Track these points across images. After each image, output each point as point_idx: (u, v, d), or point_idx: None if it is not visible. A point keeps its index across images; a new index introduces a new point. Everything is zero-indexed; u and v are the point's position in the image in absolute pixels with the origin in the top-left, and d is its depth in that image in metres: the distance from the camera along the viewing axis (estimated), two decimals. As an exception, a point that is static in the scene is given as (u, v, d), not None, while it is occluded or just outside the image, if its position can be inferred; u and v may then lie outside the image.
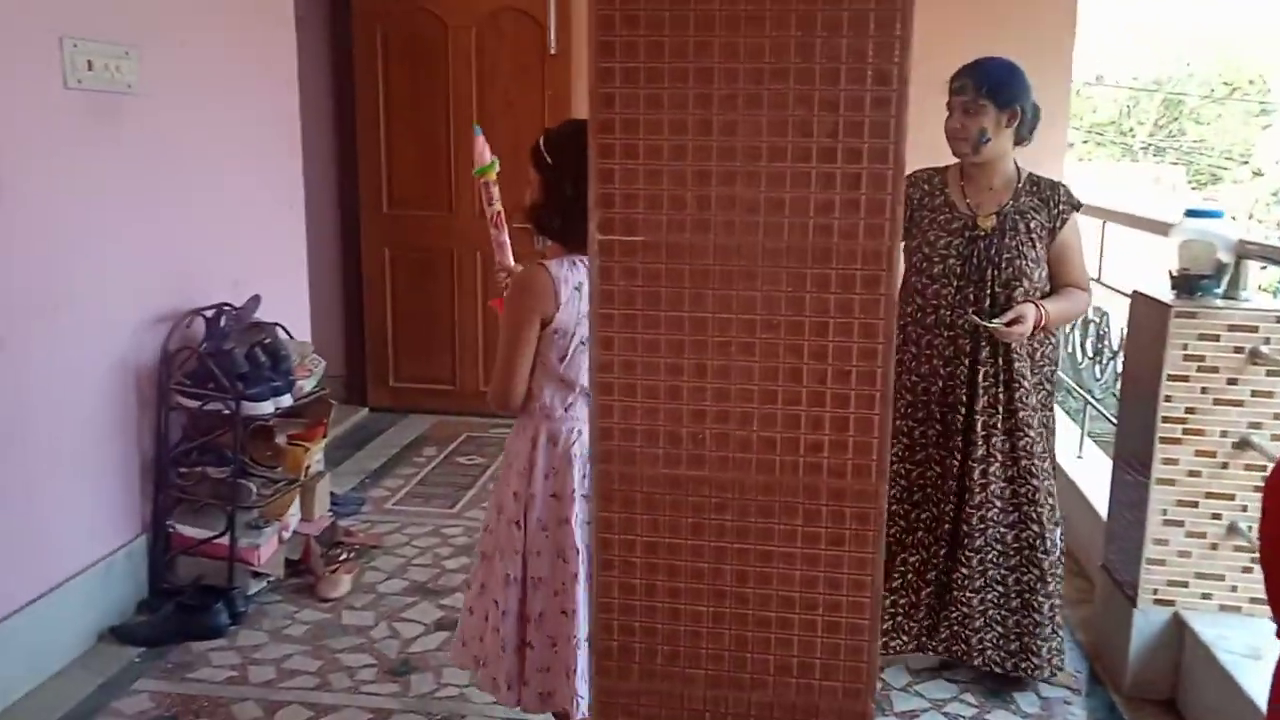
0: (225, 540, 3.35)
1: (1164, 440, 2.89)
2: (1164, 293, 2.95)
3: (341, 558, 3.70)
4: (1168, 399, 2.86)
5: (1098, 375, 4.25)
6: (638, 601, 1.60)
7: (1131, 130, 21.36)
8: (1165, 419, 2.87)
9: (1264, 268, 2.98)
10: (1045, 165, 5.10)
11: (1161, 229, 3.20)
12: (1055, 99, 5.08)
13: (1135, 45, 21.59)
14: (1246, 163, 17.69)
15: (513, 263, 2.49)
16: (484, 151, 2.50)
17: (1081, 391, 4.42)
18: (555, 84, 5.01)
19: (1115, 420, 3.36)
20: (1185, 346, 2.83)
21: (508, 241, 2.50)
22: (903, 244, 2.53)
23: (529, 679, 2.27)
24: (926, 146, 4.84)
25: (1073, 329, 4.48)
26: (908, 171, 1.61)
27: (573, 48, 4.91)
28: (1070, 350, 4.53)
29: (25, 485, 2.86)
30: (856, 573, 1.55)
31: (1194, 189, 21.45)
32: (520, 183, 2.36)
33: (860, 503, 1.54)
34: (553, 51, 5.00)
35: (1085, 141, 21.49)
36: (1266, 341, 2.78)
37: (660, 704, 1.62)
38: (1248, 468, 2.84)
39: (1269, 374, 2.81)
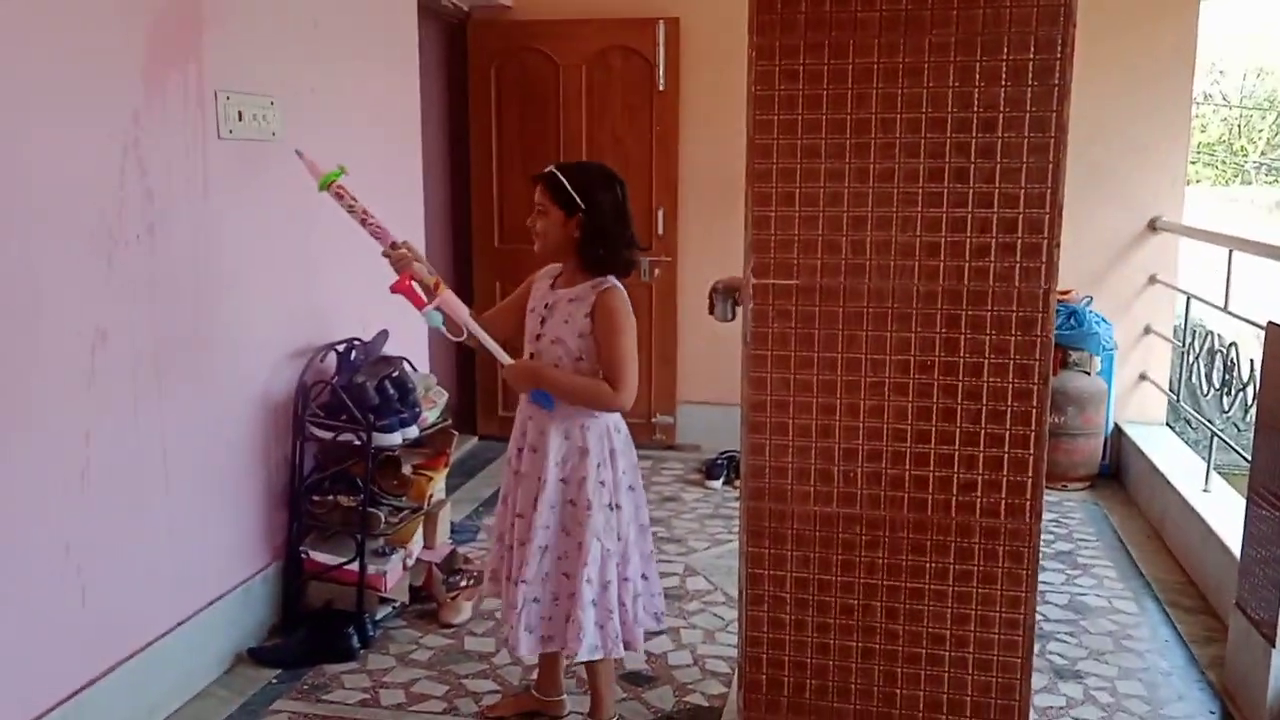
0: (355, 566, 3.46)
1: None
2: (1303, 324, 2.86)
3: (462, 584, 3.79)
4: (1310, 435, 2.77)
5: (1225, 407, 4.13)
6: (787, 636, 1.63)
7: (1243, 149, 20.61)
8: (1304, 454, 2.78)
9: None
10: (1165, 189, 5.02)
11: (1263, 249, 3.11)
12: (1173, 123, 4.98)
13: (1247, 61, 20.89)
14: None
15: (396, 246, 2.63)
16: (315, 166, 2.62)
17: (1206, 423, 4.29)
18: (663, 120, 5.10)
19: (1245, 454, 3.26)
20: (1326, 381, 2.74)
21: (385, 229, 2.67)
22: None
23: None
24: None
25: (1196, 359, 4.37)
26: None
27: (681, 84, 4.99)
28: (1194, 381, 4.41)
29: (171, 514, 3.01)
30: (1010, 611, 1.56)
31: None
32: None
33: (1014, 541, 1.55)
34: (661, 88, 5.09)
35: (1194, 162, 20.79)
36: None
37: (811, 737, 1.65)
38: None
39: None
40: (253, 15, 3.27)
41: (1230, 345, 4.07)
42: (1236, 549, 3.30)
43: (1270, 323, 3.06)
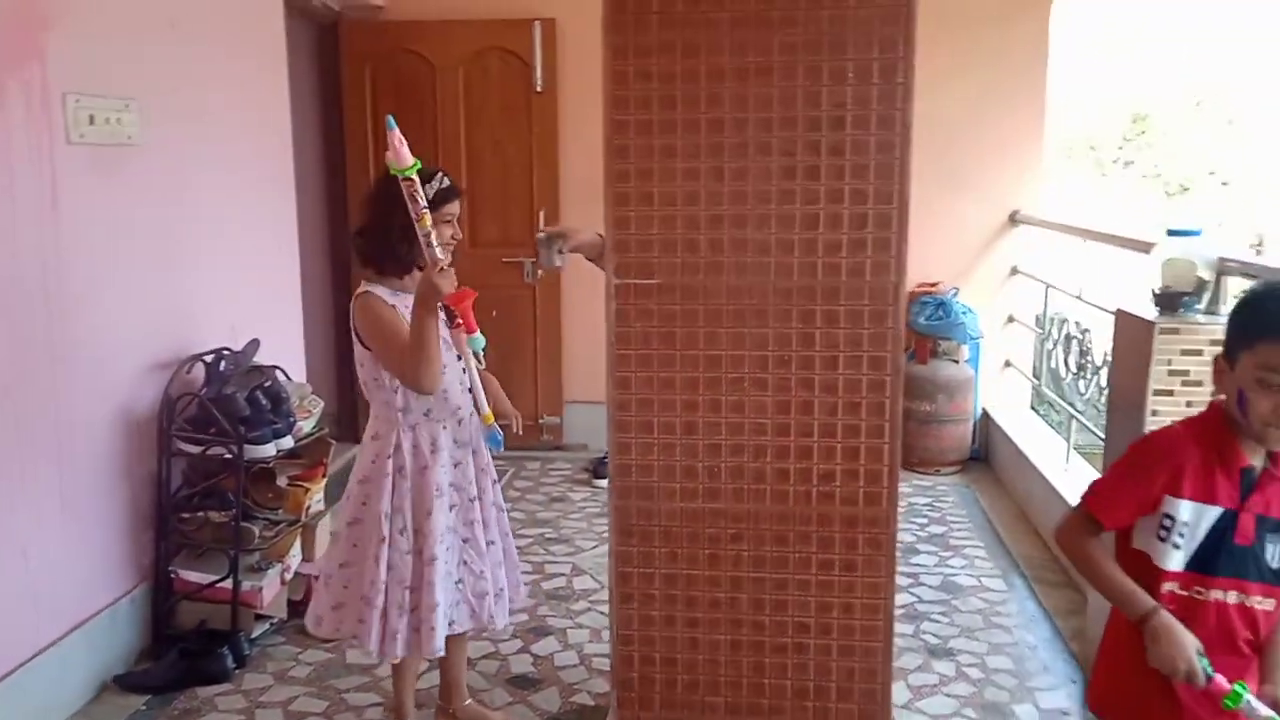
0: (228, 584, 3.35)
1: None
2: (1147, 310, 3.03)
3: (344, 595, 3.69)
4: (1154, 413, 2.93)
5: (1081, 390, 4.34)
6: (657, 633, 1.65)
7: (1102, 146, 21.71)
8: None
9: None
10: (1025, 183, 5.24)
11: (1144, 248, 3.29)
12: (1030, 118, 5.21)
13: (1104, 62, 22.01)
14: (1214, 174, 18.00)
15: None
16: (400, 150, 2.21)
17: (1066, 406, 4.51)
18: (542, 121, 5.08)
19: (1101, 434, 3.44)
20: (1169, 362, 2.91)
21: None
22: None
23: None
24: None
25: (1055, 345, 4.59)
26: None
27: (559, 85, 4.98)
28: (1054, 366, 4.62)
29: (26, 537, 2.86)
30: (870, 597, 1.61)
31: (1167, 200, 21.83)
32: (494, 217, 2.43)
33: (873, 528, 1.60)
34: (539, 90, 5.07)
35: (1068, 158, 21.76)
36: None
37: (684, 729, 1.67)
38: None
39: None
40: (103, 14, 3.13)
41: (1085, 331, 4.28)
42: (1093, 525, 3.46)
43: (1119, 309, 3.23)
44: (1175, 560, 1.57)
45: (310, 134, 5.26)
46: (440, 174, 2.20)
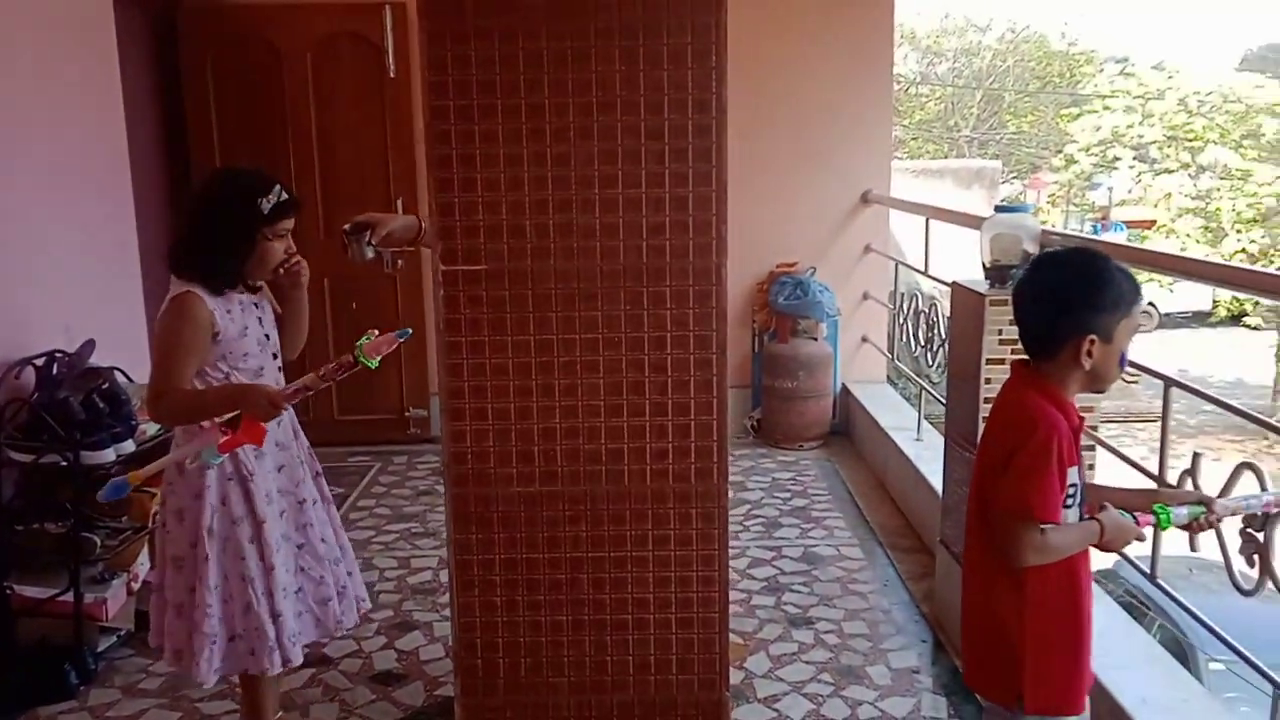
0: (69, 597, 3.20)
1: (986, 418, 3.11)
2: (979, 283, 3.18)
3: (200, 601, 3.57)
4: (988, 381, 3.09)
5: (930, 362, 4.52)
6: (499, 618, 1.65)
7: (957, 125, 22.62)
8: (987, 399, 3.10)
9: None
10: (875, 163, 5.42)
11: (976, 223, 3.44)
12: (878, 101, 5.38)
13: (957, 43, 22.91)
14: (1060, 152, 18.98)
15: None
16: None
17: (916, 378, 4.70)
18: (397, 107, 4.98)
19: (945, 402, 3.59)
20: (1000, 331, 3.06)
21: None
22: None
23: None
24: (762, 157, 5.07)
25: (906, 320, 4.77)
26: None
27: (412, 70, 4.88)
28: (905, 340, 4.81)
29: None
30: (705, 569, 1.65)
31: (1013, 178, 22.90)
32: (349, 206, 2.37)
33: (705, 503, 1.65)
34: (392, 75, 4.97)
35: (914, 139, 22.61)
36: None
37: (527, 714, 1.68)
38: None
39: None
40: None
41: (932, 305, 4.45)
42: (941, 490, 3.63)
43: (954, 282, 3.38)
44: (1073, 518, 1.80)
45: (149, 128, 5.03)
46: (278, 186, 2.02)
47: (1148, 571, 2.72)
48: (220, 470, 2.03)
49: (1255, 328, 16.92)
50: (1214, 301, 18.02)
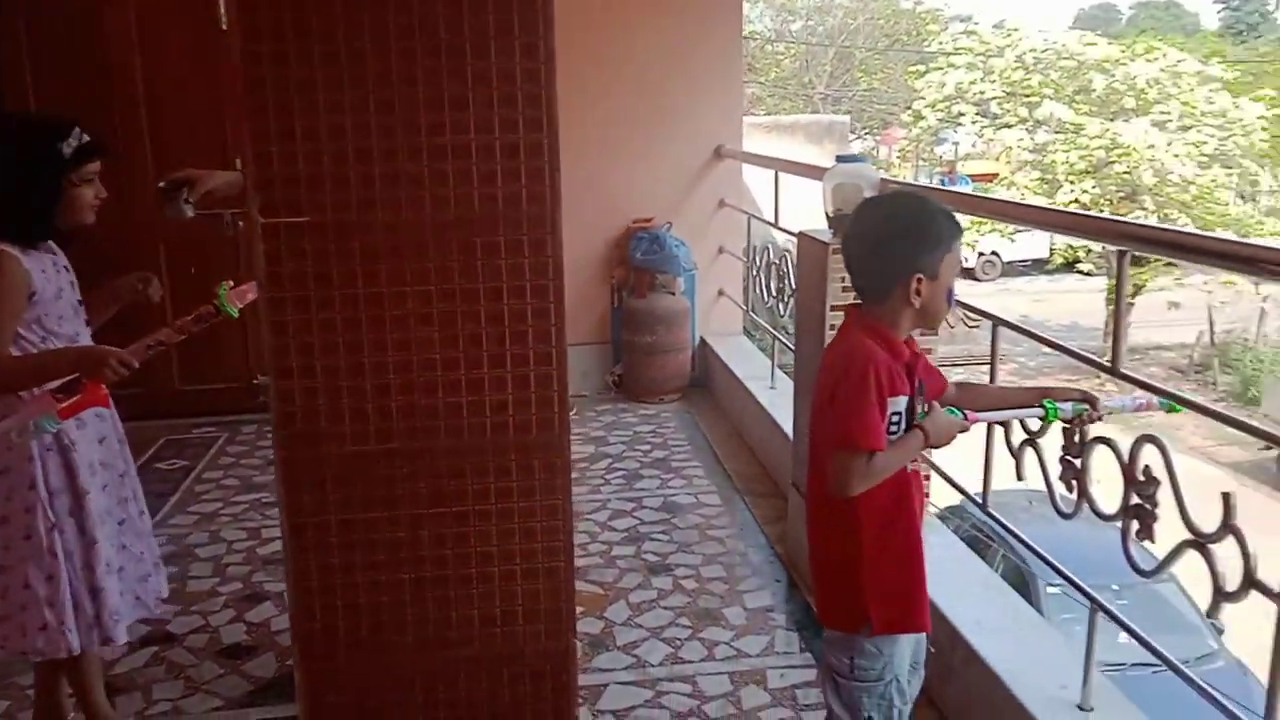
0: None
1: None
2: (824, 232, 3.26)
3: None
4: (832, 327, 3.18)
5: (782, 312, 4.63)
6: (337, 581, 1.61)
7: (811, 82, 23.07)
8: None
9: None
10: (726, 119, 5.46)
11: (820, 175, 3.52)
12: (729, 57, 5.42)
13: (810, 1, 23.29)
14: (909, 108, 19.59)
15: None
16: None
17: (769, 328, 4.81)
18: (231, 61, 4.73)
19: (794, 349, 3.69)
20: (843, 279, 3.15)
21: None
22: None
23: None
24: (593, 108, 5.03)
25: (759, 272, 4.86)
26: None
27: (244, 18, 4.64)
28: (759, 292, 4.90)
29: None
30: (549, 520, 1.65)
31: (866, 134, 23.58)
32: (183, 166, 2.25)
33: (548, 454, 1.64)
34: (224, 27, 4.70)
35: (771, 95, 22.97)
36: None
37: (369, 675, 1.65)
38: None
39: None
40: None
41: (783, 257, 4.55)
42: (792, 436, 3.73)
43: (800, 232, 3.45)
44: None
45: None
46: (76, 129, 1.94)
47: (980, 503, 2.87)
48: (39, 440, 1.91)
49: (1088, 273, 17.97)
50: (1050, 250, 19.05)
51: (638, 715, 2.73)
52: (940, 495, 2.62)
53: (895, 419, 1.92)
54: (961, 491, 2.93)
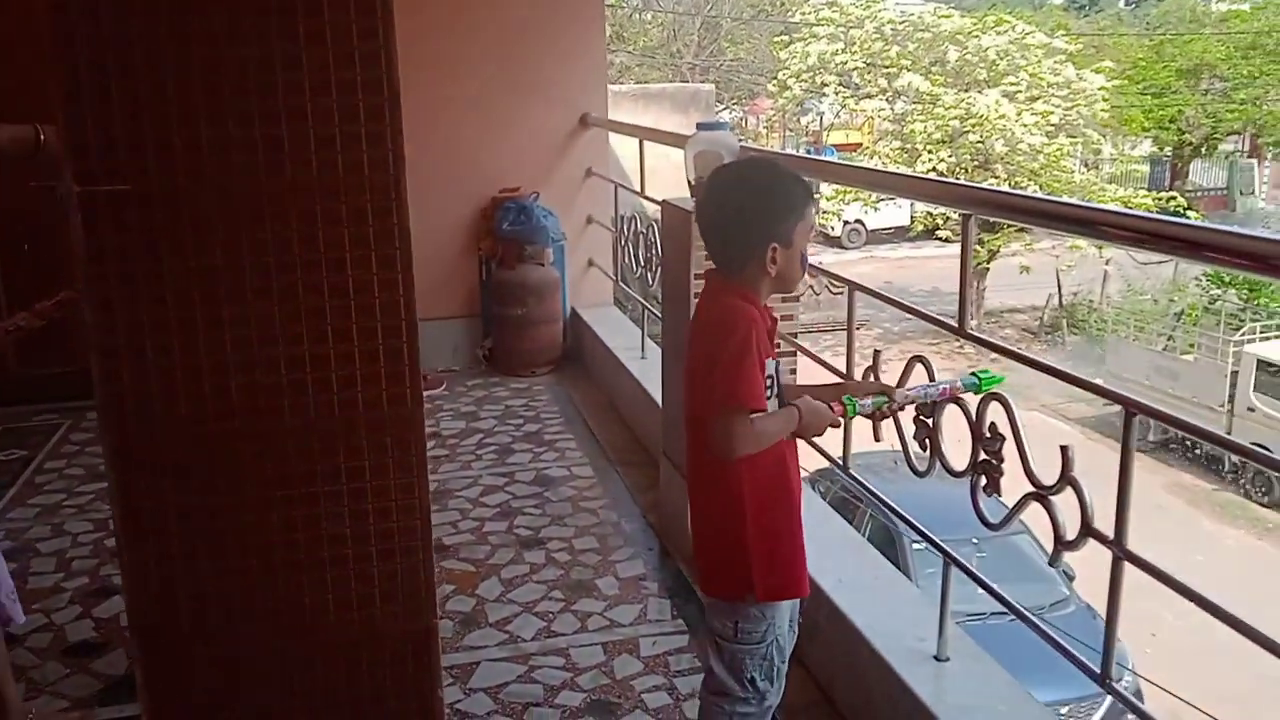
0: None
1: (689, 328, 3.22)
2: (687, 200, 3.26)
3: None
4: (697, 295, 3.19)
5: (650, 281, 4.63)
6: (179, 570, 1.53)
7: (679, 52, 23.14)
8: (695, 314, 3.21)
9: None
10: (591, 87, 5.40)
11: (681, 142, 3.51)
12: (590, 23, 5.36)
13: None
14: (775, 78, 19.87)
15: None
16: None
17: (639, 298, 4.81)
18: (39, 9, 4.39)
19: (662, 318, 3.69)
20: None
21: None
22: None
23: None
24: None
25: (627, 242, 4.84)
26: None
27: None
28: (628, 262, 4.89)
29: None
30: (404, 498, 1.60)
31: (734, 105, 23.83)
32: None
33: (400, 430, 1.58)
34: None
35: (640, 65, 22.94)
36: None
37: (219, 668, 1.58)
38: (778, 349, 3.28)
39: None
40: None
41: (649, 226, 4.54)
42: (662, 404, 3.75)
43: (664, 201, 3.45)
44: (773, 408, 1.91)
45: None
46: None
47: (842, 465, 2.93)
48: None
49: (946, 239, 18.66)
50: (911, 218, 19.71)
51: (510, 690, 2.71)
52: (807, 459, 2.68)
53: (769, 381, 1.94)
54: (824, 455, 2.99)
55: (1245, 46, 21.82)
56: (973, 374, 2.09)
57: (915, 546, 8.29)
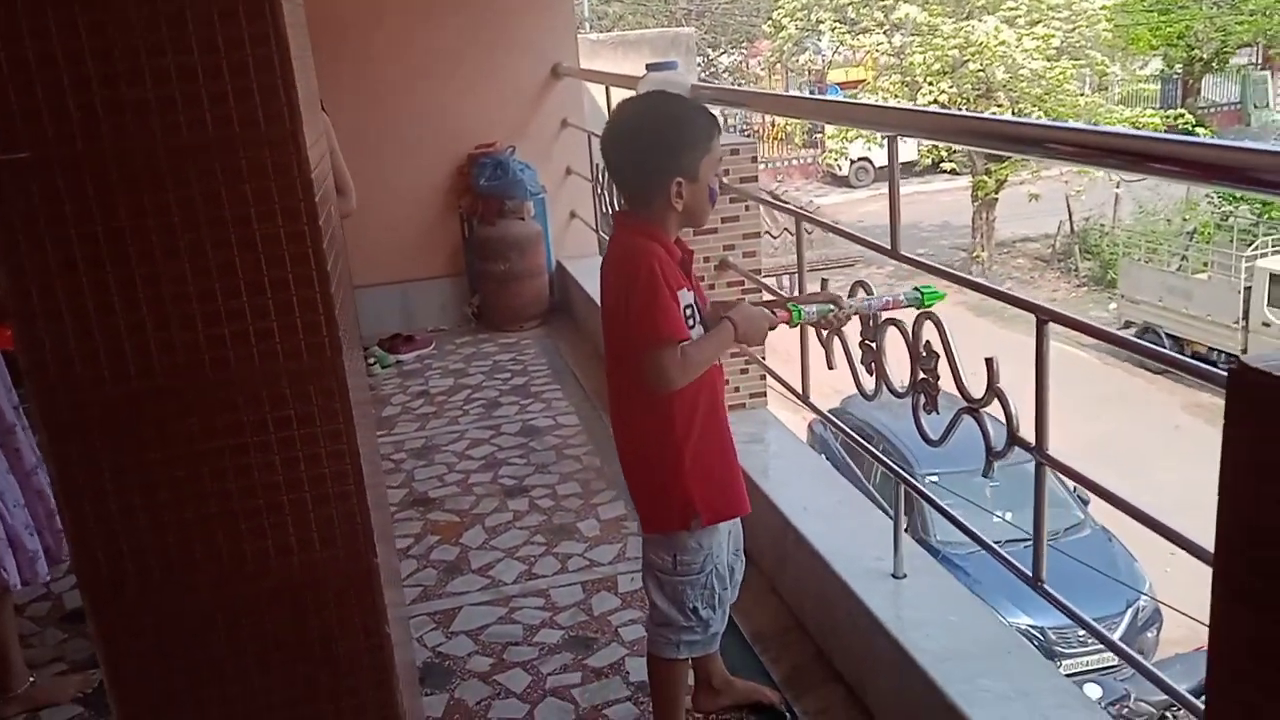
0: None
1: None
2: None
3: None
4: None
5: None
6: (118, 527, 1.58)
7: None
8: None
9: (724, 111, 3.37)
10: (561, 36, 5.37)
11: (633, 83, 3.50)
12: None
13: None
14: (770, 19, 19.59)
15: None
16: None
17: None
18: None
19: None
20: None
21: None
22: None
23: None
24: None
25: (603, 190, 4.85)
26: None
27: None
28: (607, 212, 4.90)
29: None
30: (332, 445, 1.64)
31: (731, 49, 23.50)
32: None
33: (322, 378, 1.62)
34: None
35: (634, 14, 22.66)
36: (727, 174, 3.19)
37: (166, 617, 1.63)
38: (729, 285, 3.29)
39: (733, 201, 3.24)
40: None
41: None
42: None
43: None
44: (699, 334, 1.95)
45: None
46: None
47: (803, 396, 2.95)
48: None
49: (953, 171, 18.46)
50: (918, 152, 19.48)
51: (491, 632, 2.79)
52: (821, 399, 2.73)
53: (689, 311, 1.96)
54: (786, 385, 3.02)
55: (1253, -46, 21.26)
56: (915, 289, 2.10)
57: (930, 478, 8.30)
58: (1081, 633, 7.82)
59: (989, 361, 1.86)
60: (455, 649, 2.70)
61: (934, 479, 8.53)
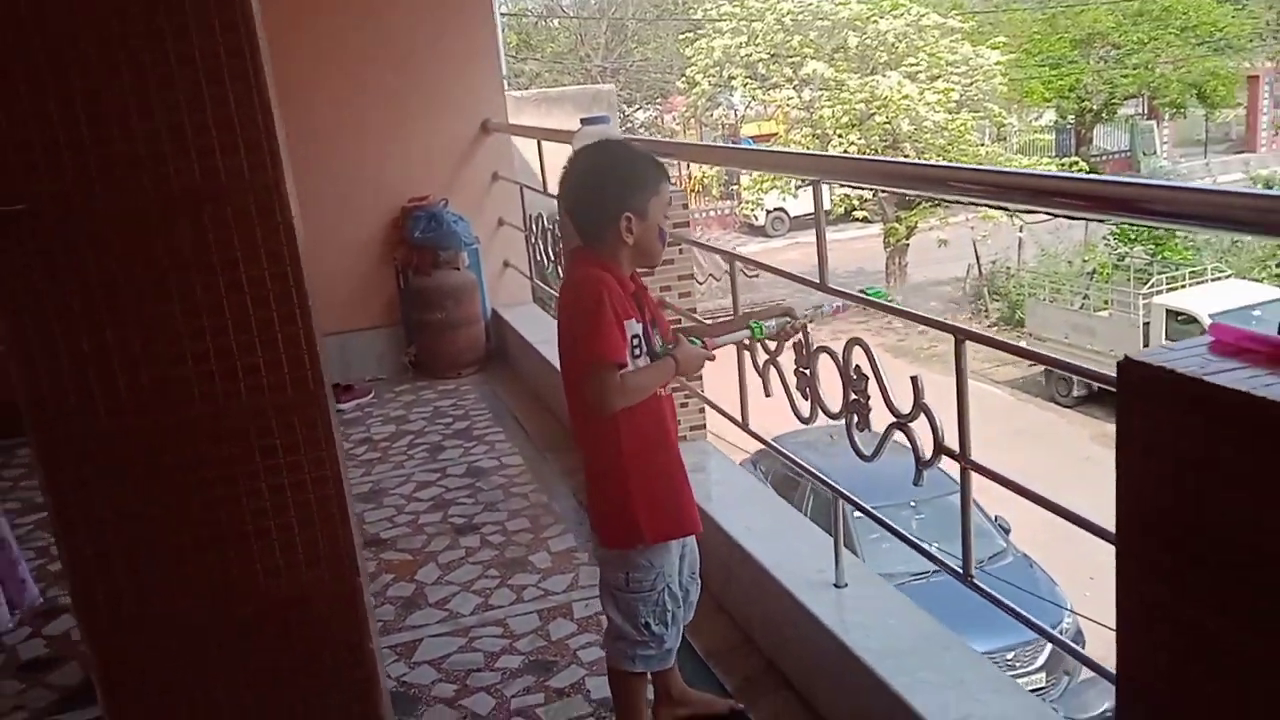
0: None
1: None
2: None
3: None
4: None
5: (559, 274, 4.82)
6: (115, 558, 1.66)
7: (588, 55, 23.36)
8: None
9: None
10: (490, 94, 5.56)
11: (568, 138, 3.70)
12: (483, 29, 5.51)
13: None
14: (684, 75, 20.19)
15: None
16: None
17: (552, 291, 5.00)
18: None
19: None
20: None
21: None
22: None
23: None
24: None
25: (538, 239, 5.02)
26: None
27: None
28: (539, 258, 5.07)
29: None
30: (316, 471, 1.75)
31: (648, 105, 24.07)
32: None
33: (306, 410, 1.74)
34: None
35: (549, 71, 23.12)
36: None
37: (160, 642, 1.71)
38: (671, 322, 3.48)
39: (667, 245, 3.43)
40: None
41: (555, 222, 4.72)
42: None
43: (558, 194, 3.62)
44: (644, 364, 2.05)
45: None
46: None
47: (742, 423, 3.13)
48: None
49: (865, 219, 19.12)
50: (830, 201, 20.14)
51: (452, 660, 2.87)
52: (747, 441, 2.90)
53: (635, 341, 2.11)
54: (726, 414, 3.19)
55: (1133, 14, 22.66)
56: (860, 290, 2.32)
57: (856, 515, 8.53)
58: (1009, 656, 8.12)
59: (914, 379, 2.05)
60: (419, 678, 2.77)
61: (858, 516, 8.77)
